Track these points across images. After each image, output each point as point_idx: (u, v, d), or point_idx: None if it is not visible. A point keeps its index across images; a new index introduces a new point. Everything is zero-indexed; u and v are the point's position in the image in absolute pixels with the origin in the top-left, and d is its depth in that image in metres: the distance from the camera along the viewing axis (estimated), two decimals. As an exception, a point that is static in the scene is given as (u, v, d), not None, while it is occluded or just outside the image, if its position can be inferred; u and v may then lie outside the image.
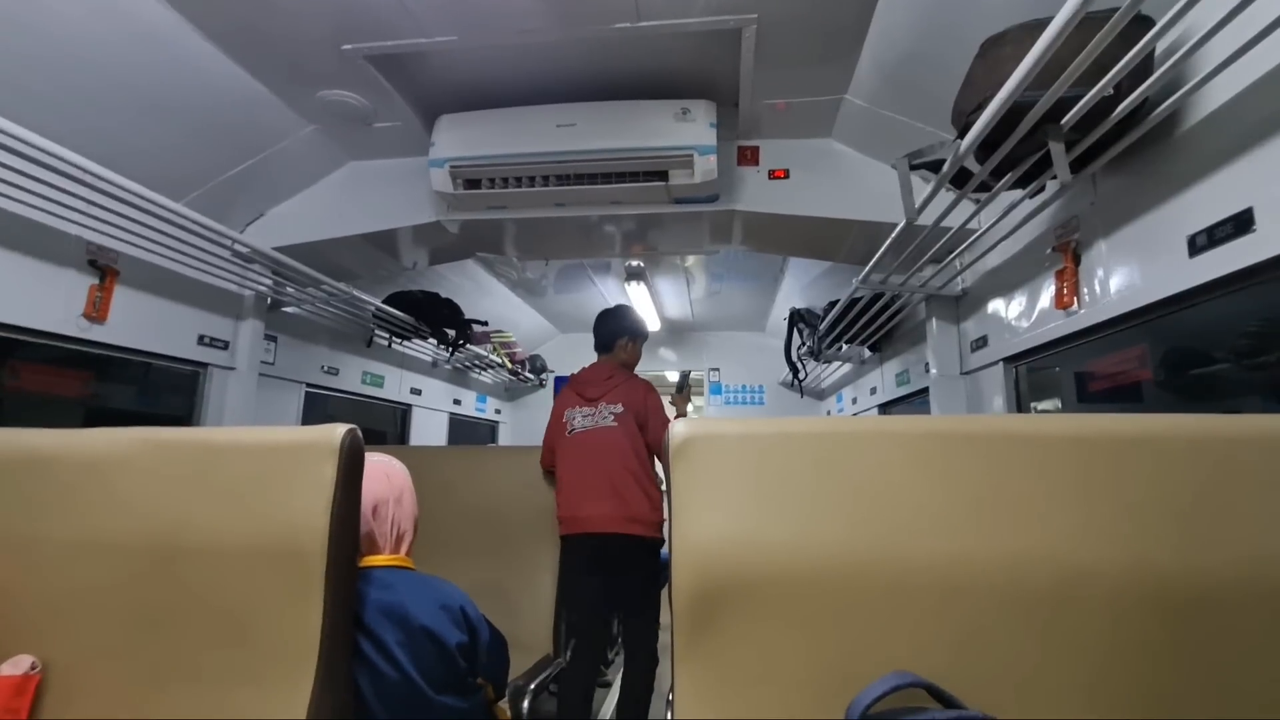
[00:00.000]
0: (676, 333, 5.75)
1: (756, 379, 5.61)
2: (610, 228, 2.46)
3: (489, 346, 4.30)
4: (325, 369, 2.98)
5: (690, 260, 4.01)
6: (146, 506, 0.95)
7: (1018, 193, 1.50)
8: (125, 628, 0.90)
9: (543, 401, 5.70)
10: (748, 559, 0.81)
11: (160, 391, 2.29)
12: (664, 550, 4.19)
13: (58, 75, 1.51)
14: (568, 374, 5.84)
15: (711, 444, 0.88)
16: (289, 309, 2.59)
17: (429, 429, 4.09)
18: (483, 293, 4.10)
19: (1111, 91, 1.06)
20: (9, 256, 1.55)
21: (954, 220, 1.69)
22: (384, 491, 1.19)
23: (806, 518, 0.80)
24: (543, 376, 5.56)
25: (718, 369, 5.72)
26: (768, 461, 0.84)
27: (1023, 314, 1.87)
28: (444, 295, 3.38)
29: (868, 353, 3.51)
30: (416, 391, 3.90)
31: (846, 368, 3.98)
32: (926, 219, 1.64)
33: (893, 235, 1.81)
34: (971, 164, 1.38)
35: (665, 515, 0.97)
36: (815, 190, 2.18)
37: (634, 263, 3.90)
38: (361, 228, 2.35)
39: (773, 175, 2.21)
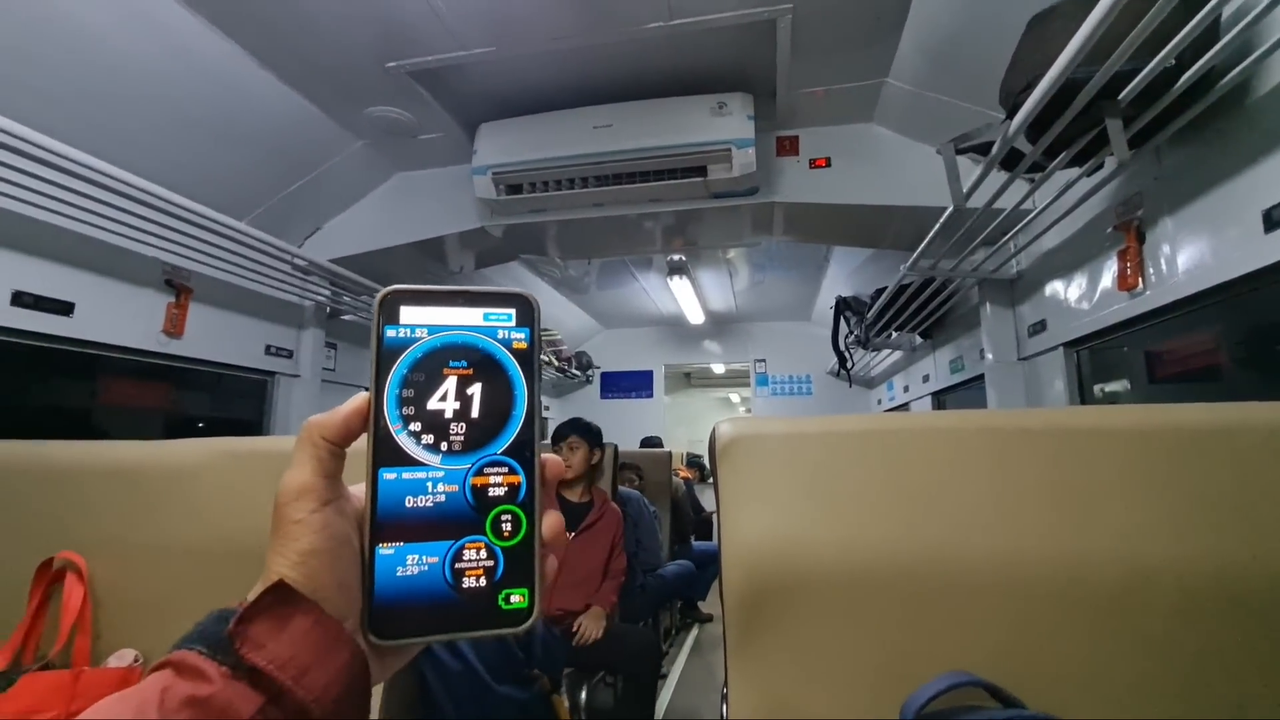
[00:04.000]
0: (720, 325, 5.72)
1: (803, 369, 5.54)
2: (650, 224, 2.47)
3: (535, 345, 4.38)
4: (381, 373, 3.10)
5: (732, 252, 3.98)
6: (224, 513, 1.02)
7: (1073, 171, 1.44)
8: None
9: (590, 397, 5.78)
10: (798, 557, 0.82)
11: (232, 399, 2.44)
12: (714, 546, 4.18)
13: (135, 111, 1.62)
14: (613, 370, 5.92)
15: (757, 444, 0.88)
16: (346, 317, 2.71)
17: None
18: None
19: (1173, 62, 1.01)
20: (99, 280, 1.68)
21: (1006, 202, 1.63)
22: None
23: (857, 516, 0.80)
24: (589, 372, 5.63)
25: (764, 360, 5.67)
26: (815, 460, 0.85)
27: (1083, 296, 1.79)
28: (490, 297, 3.46)
29: (918, 340, 3.42)
30: (467, 391, 4.01)
31: (896, 355, 3.88)
32: (976, 201, 1.59)
33: (941, 220, 1.76)
34: (1023, 144, 1.33)
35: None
36: (858, 177, 2.14)
37: (675, 257, 3.90)
38: (410, 236, 2.43)
39: (813, 164, 2.17)
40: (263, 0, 1.50)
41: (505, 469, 0.31)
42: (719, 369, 7.37)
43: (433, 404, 0.30)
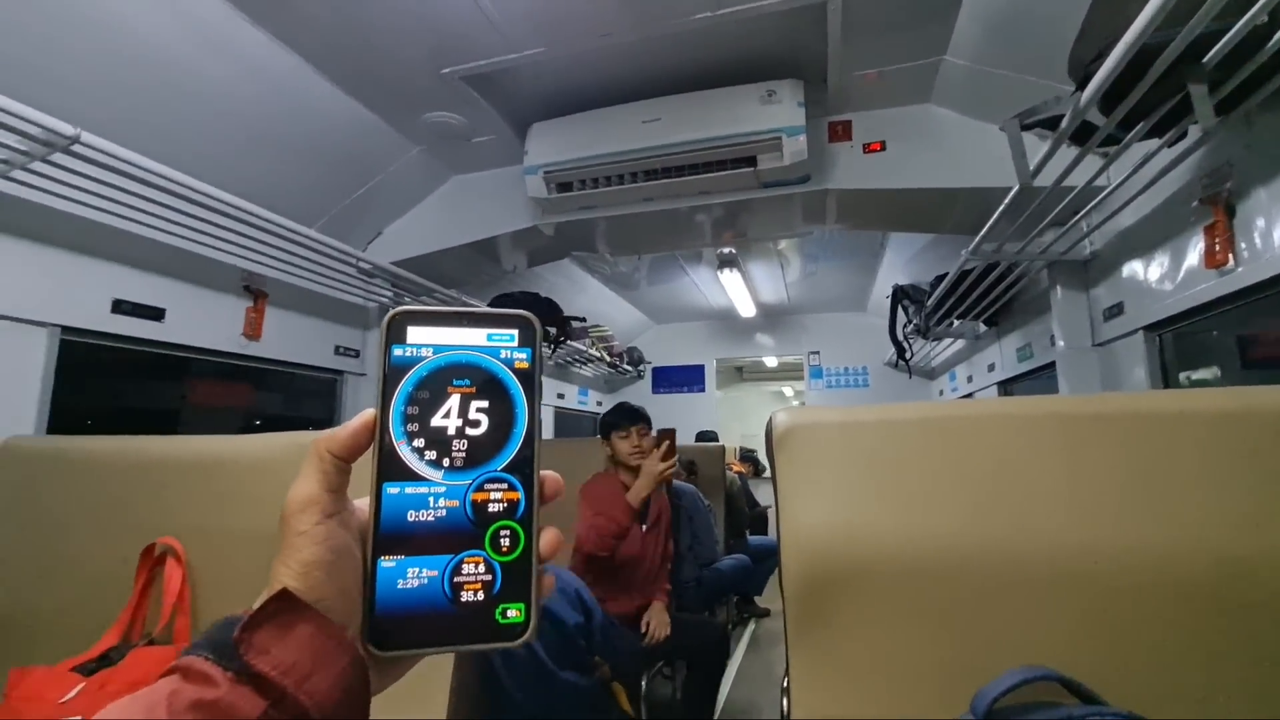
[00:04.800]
0: (772, 317, 5.64)
1: (859, 360, 5.40)
2: (700, 217, 2.46)
3: (587, 341, 4.44)
4: (441, 371, 3.21)
5: (784, 243, 3.92)
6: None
7: (1152, 143, 1.35)
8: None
9: (641, 393, 5.81)
10: (859, 548, 0.81)
11: (304, 398, 2.58)
12: (770, 540, 4.14)
13: (215, 130, 1.74)
14: (664, 365, 5.92)
15: (814, 433, 0.88)
16: (407, 317, 2.82)
17: (537, 423, 4.29)
18: (578, 290, 4.24)
19: (1265, 19, 0.93)
20: (186, 287, 1.81)
21: (1077, 179, 1.55)
22: (503, 484, 1.28)
23: (920, 505, 0.78)
24: (640, 368, 5.66)
25: (817, 352, 5.56)
26: (874, 448, 0.83)
27: (1165, 276, 1.68)
28: (543, 295, 3.52)
29: (983, 328, 3.28)
30: (523, 388, 4.10)
31: (959, 345, 3.74)
32: (1044, 180, 1.52)
33: (1006, 201, 1.69)
34: (1095, 117, 1.26)
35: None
36: (915, 160, 2.07)
37: (726, 250, 3.87)
38: (466, 237, 2.51)
39: (867, 149, 2.11)
40: (325, 14, 1.58)
41: (505, 485, 0.31)
42: (771, 362, 7.27)
43: (436, 421, 0.31)
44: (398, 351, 0.31)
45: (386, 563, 0.29)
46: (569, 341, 3.77)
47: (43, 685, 0.87)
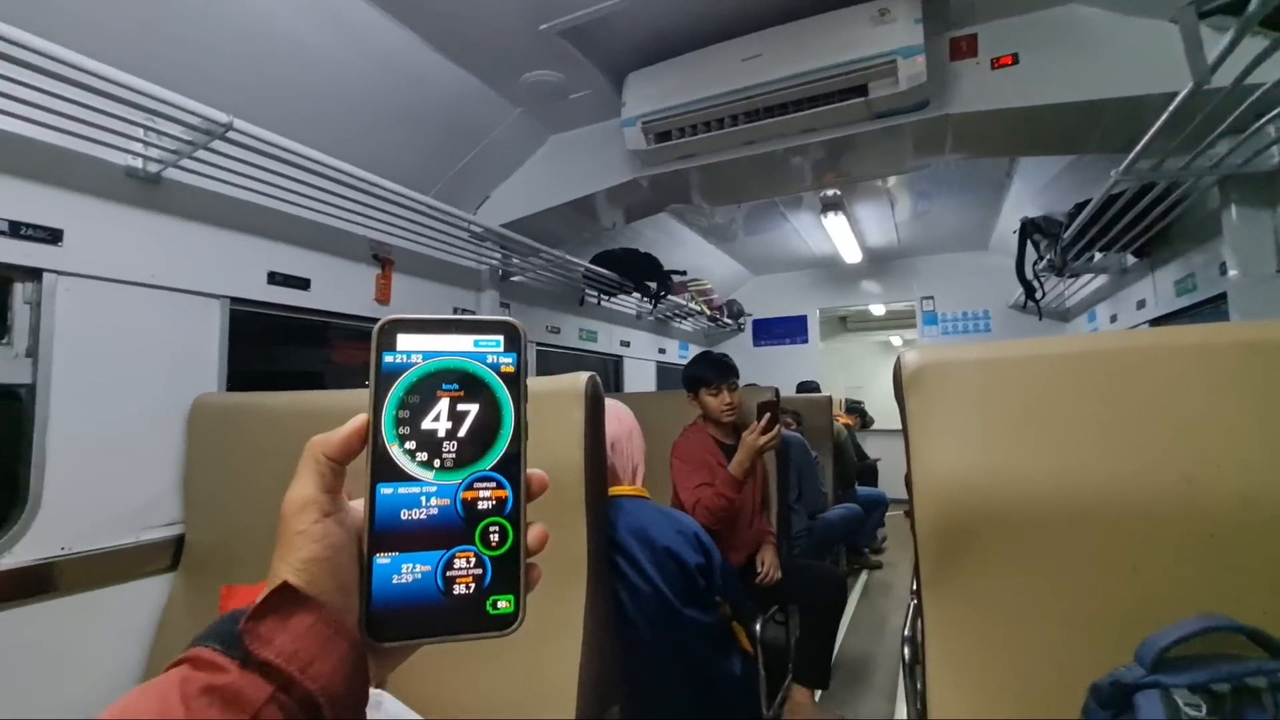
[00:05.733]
0: (880, 262, 5.34)
1: (980, 304, 5.01)
2: (801, 159, 2.34)
3: (687, 295, 4.42)
4: (549, 329, 3.34)
5: (892, 181, 3.66)
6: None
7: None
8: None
9: (742, 346, 5.75)
10: (1003, 491, 0.77)
11: (428, 358, 2.77)
12: (879, 492, 4.01)
13: (342, 107, 1.86)
14: (765, 317, 5.81)
15: (949, 371, 0.83)
16: (515, 278, 2.93)
17: (639, 377, 4.38)
18: (676, 243, 4.21)
19: None
20: (327, 258, 1.99)
21: (1265, 75, 1.32)
22: (618, 430, 1.32)
23: (1077, 446, 0.73)
24: (740, 320, 5.59)
25: (931, 297, 5.21)
26: (1020, 386, 0.78)
27: (1382, 183, 1.41)
28: (641, 250, 3.54)
29: (1131, 260, 2.93)
30: (625, 344, 4.19)
31: (1100, 280, 3.36)
32: (1221, 80, 1.30)
33: (1170, 107, 1.47)
34: (1296, -7, 1.06)
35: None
36: (1054, 71, 1.84)
37: (830, 193, 3.68)
38: (566, 196, 2.55)
39: (996, 64, 1.90)
40: (430, -15, 1.63)
41: (494, 484, 0.32)
42: (878, 310, 6.91)
43: (426, 424, 0.32)
44: (388, 358, 0.32)
45: (382, 559, 0.31)
46: (669, 296, 3.78)
47: (249, 600, 1.02)
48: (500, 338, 0.34)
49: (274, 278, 1.82)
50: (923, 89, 1.82)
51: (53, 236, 1.33)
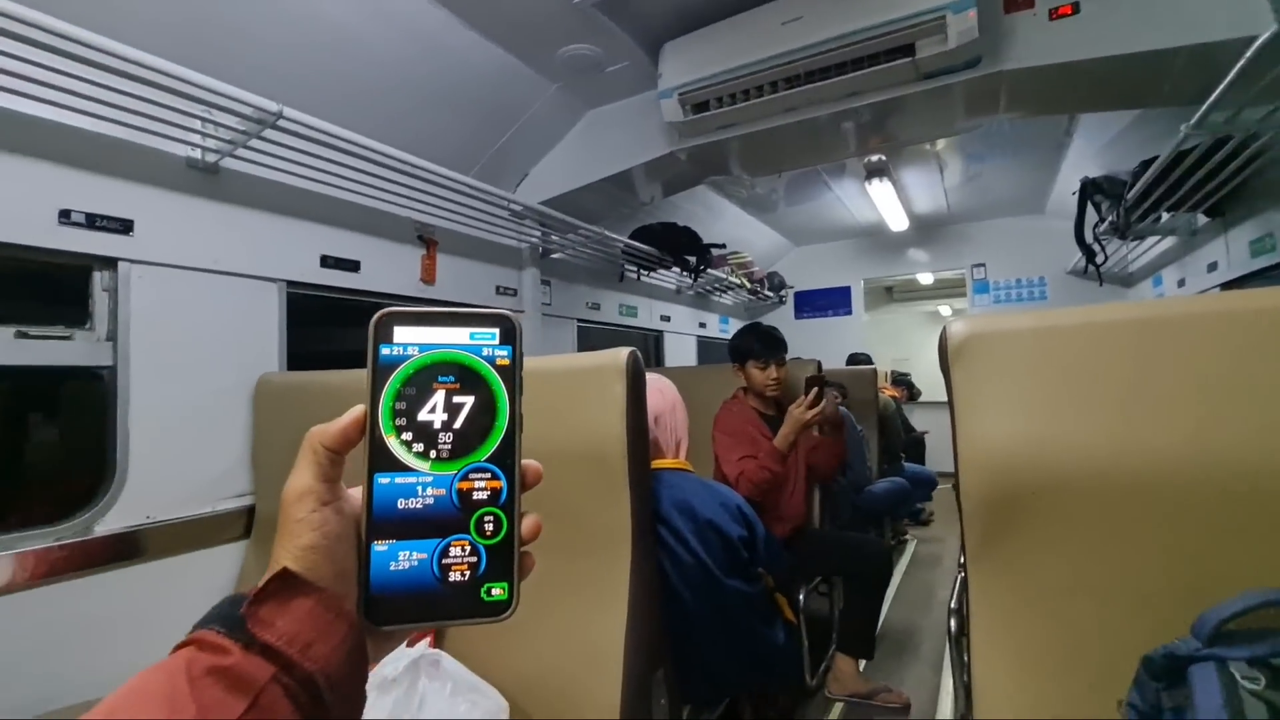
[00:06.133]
0: (927, 229, 5.15)
1: (1034, 270, 4.80)
2: (845, 124, 2.27)
3: (727, 269, 4.38)
4: (589, 305, 3.37)
5: (941, 144, 3.51)
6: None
7: None
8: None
9: (784, 318, 5.67)
10: (1052, 463, 0.75)
11: (473, 336, 2.83)
12: (924, 469, 3.94)
13: (385, 92, 1.90)
14: (807, 289, 5.70)
15: (998, 341, 0.81)
16: (555, 255, 2.96)
17: (680, 352, 4.38)
18: (715, 216, 4.16)
19: None
20: (375, 241, 2.05)
21: (1361, 12, 1.21)
22: (661, 404, 1.34)
23: (1133, 417, 0.70)
24: (782, 293, 5.50)
25: (983, 265, 5.02)
26: (1074, 355, 0.75)
27: None
28: (680, 224, 3.51)
29: (1202, 219, 2.75)
30: (665, 318, 4.19)
31: (1167, 243, 3.18)
32: (1309, 20, 1.20)
33: (1248, 53, 1.36)
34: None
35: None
36: (1118, 19, 1.72)
37: (875, 159, 3.56)
38: (604, 171, 2.54)
39: (1054, 14, 1.79)
40: (465, -37, 1.63)
41: (488, 475, 0.33)
42: (926, 279, 6.70)
43: (423, 415, 0.32)
44: (385, 350, 0.32)
45: (379, 546, 0.32)
46: (709, 270, 3.75)
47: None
48: (496, 330, 0.34)
49: (326, 261, 1.89)
50: (974, 45, 1.73)
51: (124, 227, 1.42)
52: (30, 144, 1.29)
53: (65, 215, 1.33)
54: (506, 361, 0.34)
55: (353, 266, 1.97)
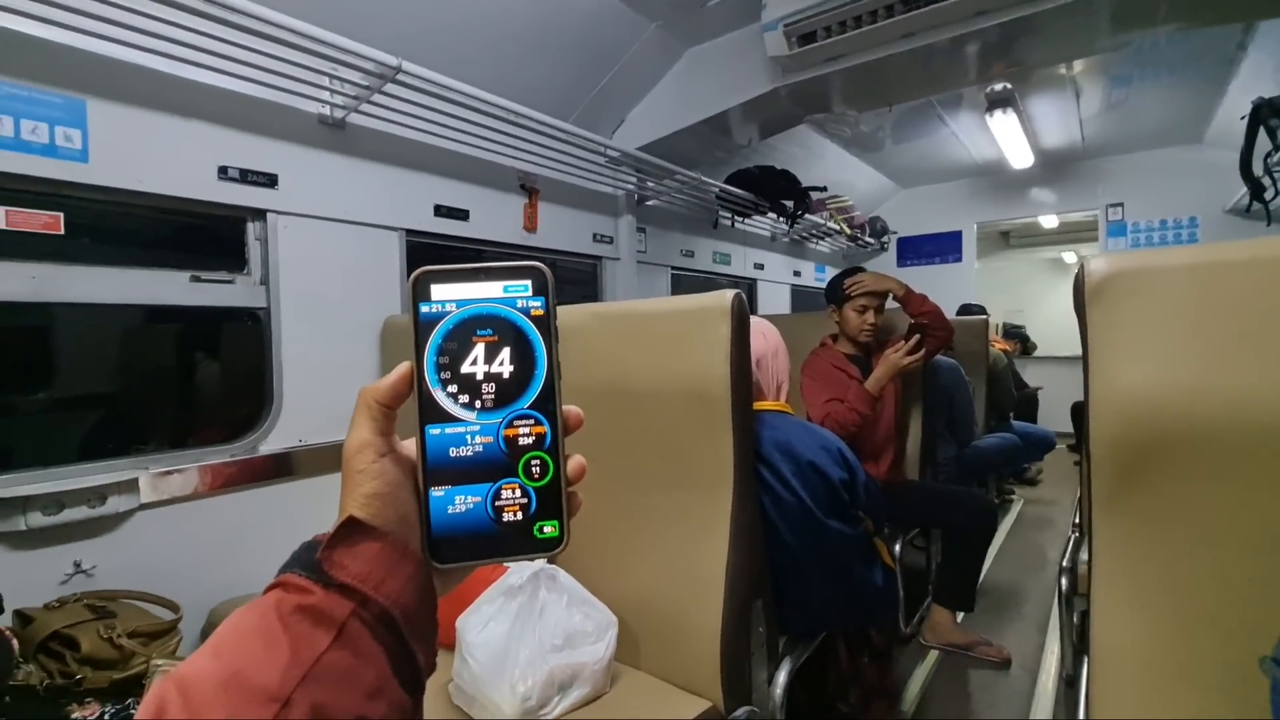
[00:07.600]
0: (1056, 166, 4.66)
1: (1185, 210, 4.25)
2: (968, 48, 2.07)
3: (825, 214, 4.19)
4: (683, 252, 3.36)
5: (1078, 66, 3.12)
6: (599, 360, 1.26)
7: None
8: (607, 447, 1.21)
9: (885, 266, 5.39)
10: (1203, 413, 0.70)
11: (568, 284, 2.91)
12: (1036, 427, 3.67)
13: (493, 44, 1.94)
14: (912, 234, 5.37)
15: (1145, 279, 0.75)
16: (650, 202, 2.96)
17: (773, 301, 4.30)
18: (815, 158, 3.96)
19: None
20: (481, 190, 2.14)
21: None
22: (763, 347, 1.34)
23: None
24: (884, 239, 5.21)
25: (1120, 205, 4.50)
26: (1239, 295, 0.69)
27: None
28: (778, 167, 3.38)
29: None
30: (759, 266, 4.11)
31: (1362, 173, 2.70)
32: None
33: None
34: None
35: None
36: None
37: (998, 87, 3.24)
38: (700, 114, 2.48)
39: (1238, -99, 1.53)
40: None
41: (532, 421, 0.34)
42: (1050, 222, 6.08)
43: (465, 368, 0.34)
44: (424, 308, 0.34)
45: (436, 492, 0.34)
46: (806, 215, 3.60)
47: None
48: (528, 283, 0.35)
49: (439, 210, 2.00)
50: (1132, -54, 1.52)
51: (270, 181, 1.56)
52: (192, 106, 1.44)
53: (224, 171, 1.49)
54: (541, 312, 0.35)
55: (463, 215, 2.07)
